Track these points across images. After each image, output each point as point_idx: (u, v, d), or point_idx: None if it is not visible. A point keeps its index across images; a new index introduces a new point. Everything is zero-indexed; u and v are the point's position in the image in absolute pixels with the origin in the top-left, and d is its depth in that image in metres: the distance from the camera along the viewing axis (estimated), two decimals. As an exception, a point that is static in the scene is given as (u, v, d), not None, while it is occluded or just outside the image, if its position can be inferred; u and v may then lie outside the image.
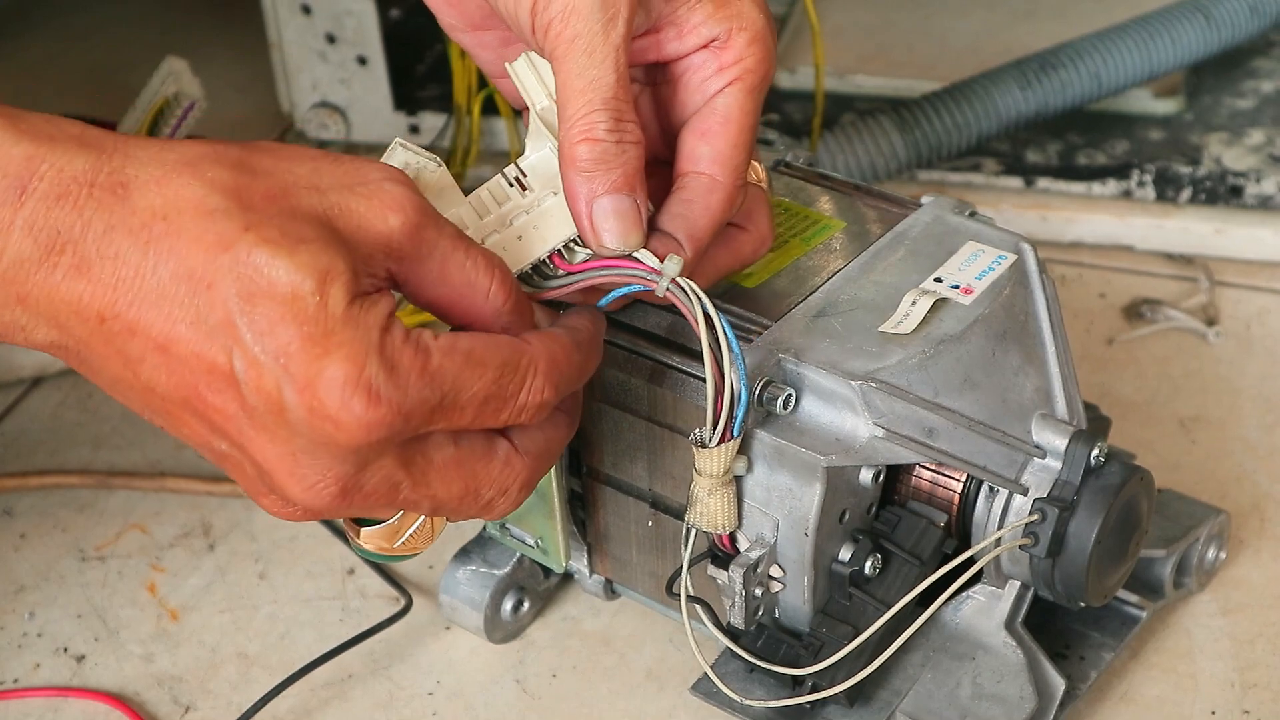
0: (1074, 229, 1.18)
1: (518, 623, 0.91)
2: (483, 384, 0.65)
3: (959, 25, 1.34)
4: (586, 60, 0.69)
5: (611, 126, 0.69)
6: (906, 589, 0.77)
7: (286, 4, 1.23)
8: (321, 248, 0.61)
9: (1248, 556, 0.93)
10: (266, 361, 0.61)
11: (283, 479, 0.64)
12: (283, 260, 0.61)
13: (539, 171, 0.72)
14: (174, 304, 0.62)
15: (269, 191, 0.62)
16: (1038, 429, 0.79)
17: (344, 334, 0.61)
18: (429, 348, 0.64)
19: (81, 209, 0.61)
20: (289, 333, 0.61)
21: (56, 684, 0.90)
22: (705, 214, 0.73)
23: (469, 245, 0.67)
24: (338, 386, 0.61)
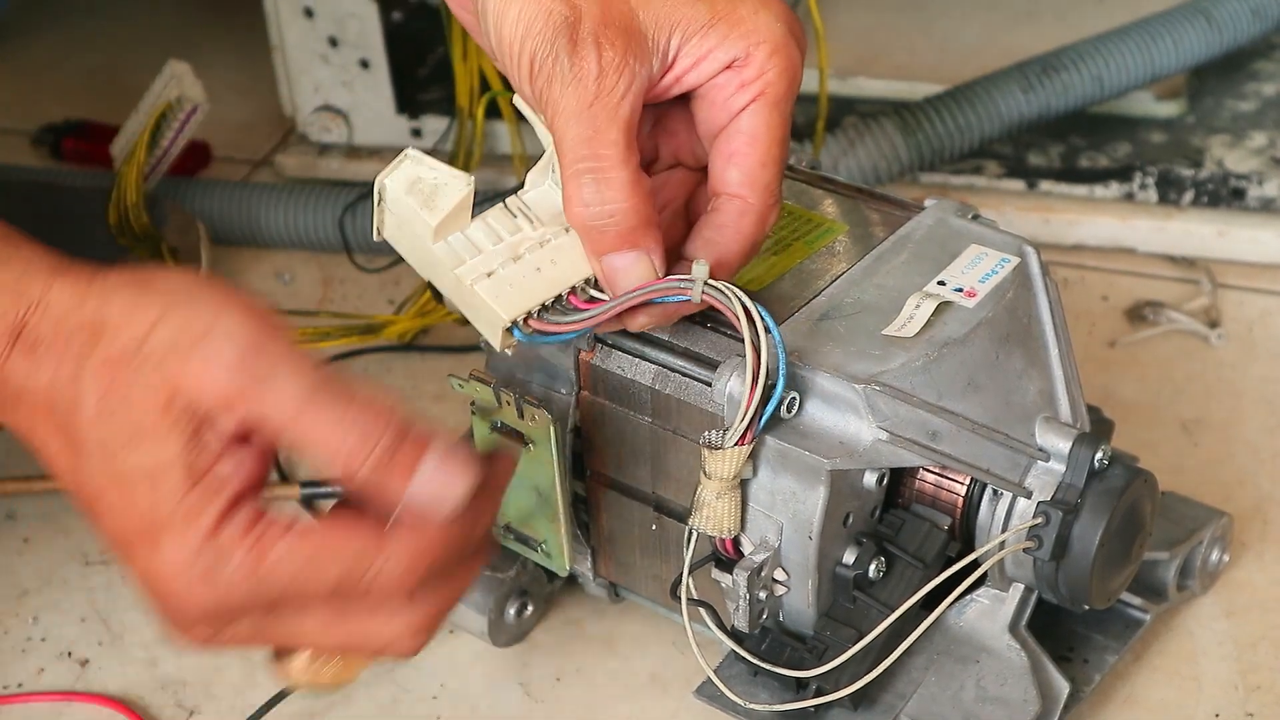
0: (1076, 231, 1.18)
1: (521, 626, 0.91)
2: (324, 586, 0.65)
3: (961, 28, 1.34)
4: (562, 121, 0.70)
5: (588, 195, 0.70)
6: (910, 592, 0.77)
7: (289, 7, 1.23)
8: (152, 441, 0.64)
9: (1251, 559, 0.93)
10: (116, 547, 0.66)
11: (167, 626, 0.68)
12: (122, 453, 0.64)
13: (543, 207, 0.73)
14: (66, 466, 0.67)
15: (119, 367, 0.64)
16: (1041, 432, 0.79)
17: (167, 530, 0.64)
18: (266, 547, 0.64)
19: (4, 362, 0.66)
20: (133, 517, 0.65)
21: (60, 688, 0.90)
22: (736, 238, 0.73)
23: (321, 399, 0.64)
24: (168, 576, 0.64)
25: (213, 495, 0.64)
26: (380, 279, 1.16)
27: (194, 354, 0.64)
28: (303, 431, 0.64)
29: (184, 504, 0.64)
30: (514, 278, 0.73)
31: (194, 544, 0.64)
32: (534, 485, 0.82)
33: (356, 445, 0.64)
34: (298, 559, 0.64)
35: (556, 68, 0.70)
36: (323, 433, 0.64)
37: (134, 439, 0.64)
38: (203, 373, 0.63)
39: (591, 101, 0.70)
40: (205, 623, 0.66)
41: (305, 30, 1.24)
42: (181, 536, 0.64)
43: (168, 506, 0.64)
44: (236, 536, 0.64)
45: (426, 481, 0.64)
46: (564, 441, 0.81)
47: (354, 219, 1.19)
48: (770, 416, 0.73)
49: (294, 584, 0.64)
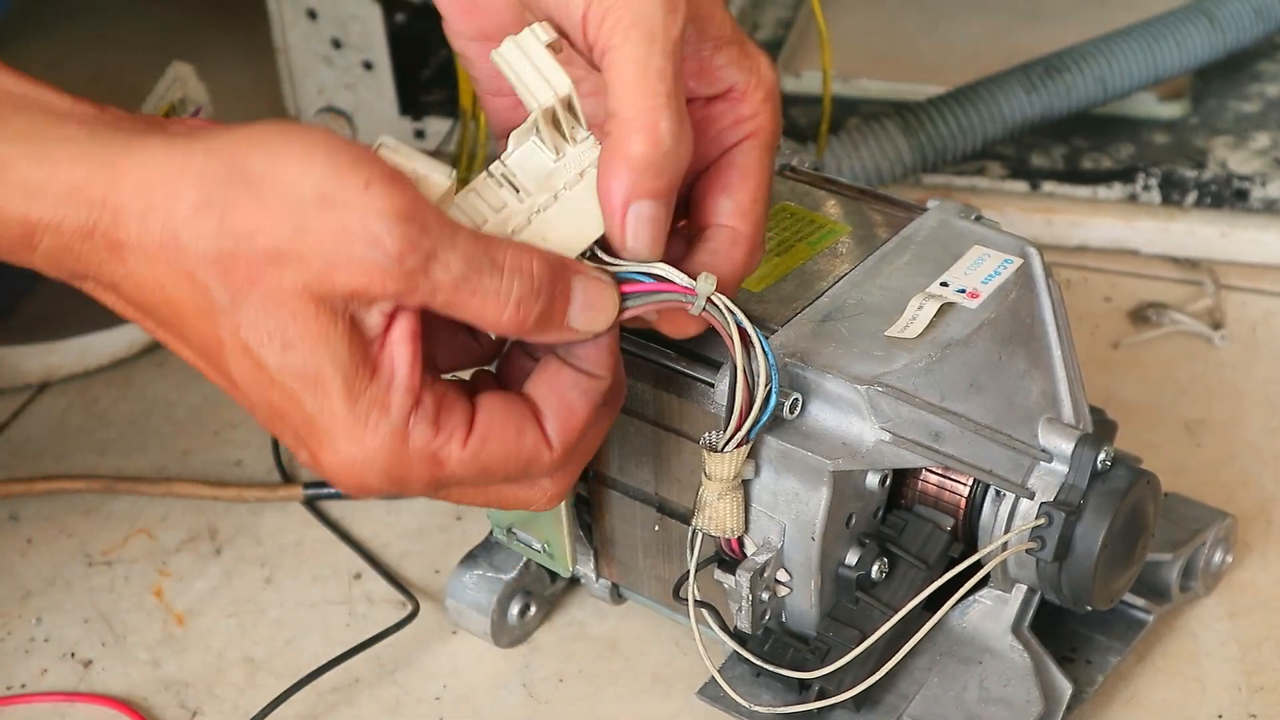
0: (1079, 232, 1.18)
1: (524, 627, 0.91)
2: (494, 482, 0.69)
3: (964, 29, 1.34)
4: (648, 48, 0.66)
5: (674, 127, 0.66)
6: (913, 593, 0.77)
7: (292, 8, 1.23)
8: (306, 349, 0.63)
9: (1254, 560, 0.93)
10: (283, 434, 0.66)
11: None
12: (273, 365, 0.63)
13: (527, 170, 0.68)
14: (194, 352, 0.66)
15: (251, 272, 0.62)
16: (1044, 433, 0.79)
17: (342, 441, 0.64)
18: (446, 459, 0.66)
19: (88, 259, 0.63)
20: (293, 420, 0.65)
21: (63, 689, 0.90)
22: (729, 264, 0.72)
23: (479, 279, 0.64)
24: (336, 478, 0.66)
25: (387, 403, 0.64)
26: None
27: (342, 259, 0.61)
28: (461, 308, 0.64)
29: (355, 415, 0.64)
30: None
31: (374, 457, 0.64)
32: (537, 486, 0.82)
33: (512, 314, 0.65)
34: (475, 466, 0.67)
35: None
36: (480, 308, 0.64)
37: (287, 347, 0.62)
38: (354, 278, 0.62)
39: (677, 37, 0.67)
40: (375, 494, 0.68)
41: (308, 32, 1.24)
42: (358, 448, 0.64)
43: (338, 416, 0.63)
44: (421, 448, 0.65)
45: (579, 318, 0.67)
46: (567, 442, 0.81)
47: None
48: (771, 417, 0.73)
49: (468, 482, 0.68)
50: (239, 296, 0.62)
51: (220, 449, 1.05)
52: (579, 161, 0.69)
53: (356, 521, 0.99)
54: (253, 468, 1.03)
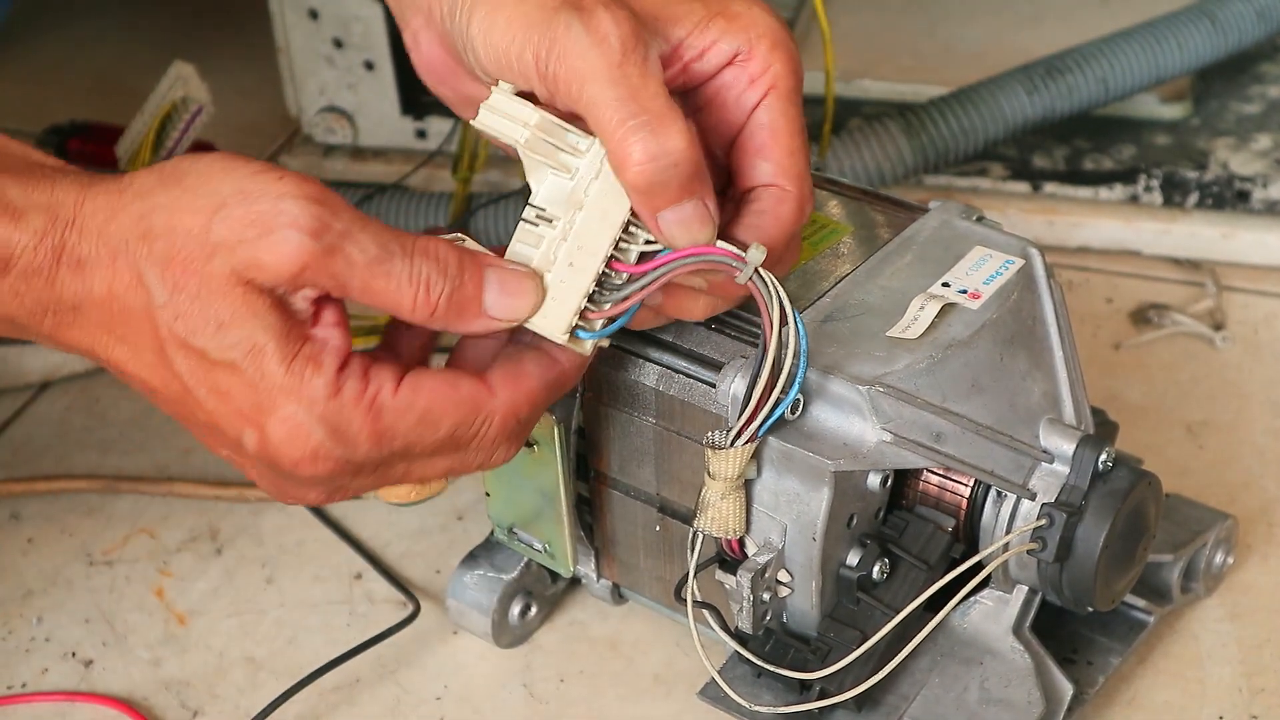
0: (1081, 234, 1.18)
1: (525, 627, 0.91)
2: (435, 440, 0.70)
3: (965, 30, 1.34)
4: (596, 86, 0.68)
5: (651, 146, 0.68)
6: (914, 594, 0.77)
7: (294, 9, 1.23)
8: (240, 325, 0.66)
9: (1255, 561, 0.93)
10: (226, 421, 0.68)
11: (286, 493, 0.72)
12: (211, 346, 0.67)
13: (554, 200, 0.71)
14: (144, 365, 0.69)
15: (186, 266, 0.66)
16: (1045, 434, 0.79)
17: (282, 401, 0.67)
18: (382, 408, 0.68)
19: (53, 282, 0.68)
20: (237, 400, 0.67)
21: (64, 689, 0.90)
22: (776, 224, 0.73)
23: (387, 266, 0.67)
24: (285, 450, 0.68)
25: (319, 360, 0.67)
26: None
27: (261, 240, 0.66)
28: (376, 293, 0.67)
29: (292, 373, 0.67)
30: (554, 288, 0.71)
31: (313, 409, 0.67)
32: (538, 486, 0.82)
33: (423, 296, 0.68)
34: (413, 416, 0.68)
35: (570, 37, 0.68)
36: (393, 292, 0.68)
37: (221, 327, 0.66)
38: (274, 256, 0.66)
39: (620, 59, 0.68)
40: (325, 483, 0.70)
41: (310, 32, 1.24)
42: (298, 403, 0.67)
43: (276, 379, 0.67)
44: (354, 398, 0.68)
45: (495, 309, 0.70)
46: (568, 443, 0.81)
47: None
48: (774, 419, 0.73)
49: (410, 438, 0.69)
50: (176, 291, 0.67)
51: (221, 449, 1.05)
52: (592, 167, 0.71)
53: (358, 521, 0.99)
54: (254, 467, 1.03)
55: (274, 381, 0.67)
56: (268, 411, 0.67)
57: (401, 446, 0.69)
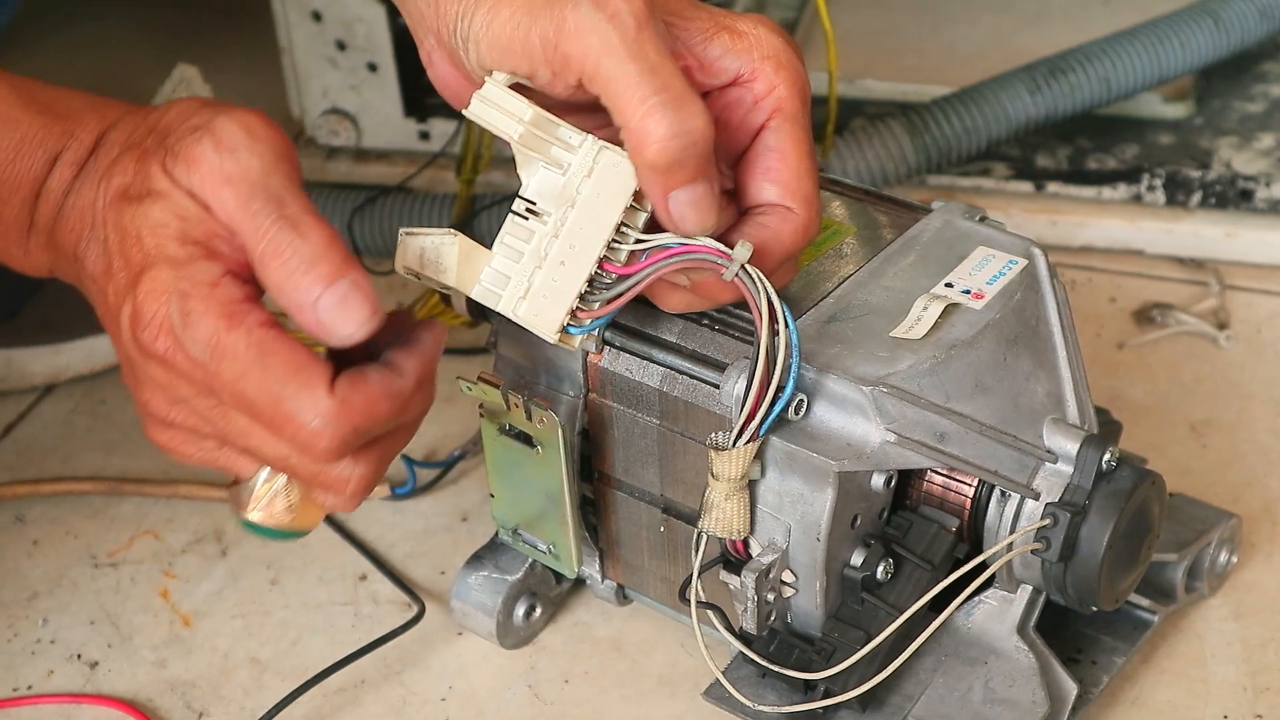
0: (1084, 233, 1.18)
1: (529, 628, 0.91)
2: (266, 395, 0.68)
3: (968, 30, 1.34)
4: (616, 63, 0.68)
5: (672, 123, 0.68)
6: (918, 594, 0.77)
7: (297, 10, 1.23)
8: (154, 201, 0.69)
9: (1259, 561, 0.93)
10: (119, 276, 0.70)
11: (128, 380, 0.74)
12: (130, 212, 0.69)
13: (545, 193, 0.72)
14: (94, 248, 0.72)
15: (146, 148, 0.70)
16: (1049, 433, 0.79)
17: (160, 271, 0.68)
18: (236, 323, 0.68)
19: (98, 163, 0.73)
20: (135, 263, 0.69)
21: (70, 690, 0.90)
22: (776, 239, 0.73)
23: (254, 211, 0.68)
24: (142, 310, 0.68)
25: (214, 256, 0.69)
26: (389, 282, 1.16)
27: (186, 143, 0.69)
28: (242, 231, 0.69)
29: (184, 250, 0.68)
30: (545, 286, 0.72)
31: (179, 283, 0.68)
32: (542, 488, 0.82)
33: (271, 256, 0.68)
34: (255, 351, 0.68)
35: (580, 15, 0.68)
36: (252, 236, 0.69)
37: (146, 197, 0.69)
38: (187, 162, 0.68)
39: (635, 34, 0.68)
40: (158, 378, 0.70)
41: (313, 34, 1.24)
42: (172, 273, 0.68)
43: (169, 249, 0.68)
44: (223, 300, 0.68)
45: (322, 310, 0.68)
46: (572, 444, 0.81)
47: (363, 222, 1.19)
48: (777, 417, 0.73)
49: (239, 369, 0.68)
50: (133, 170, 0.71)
51: (226, 450, 1.05)
52: (585, 163, 0.71)
53: (362, 523, 0.99)
54: (258, 469, 1.03)
55: (165, 251, 0.68)
56: (145, 270, 0.68)
57: (230, 374, 0.68)
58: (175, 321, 0.68)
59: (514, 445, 0.82)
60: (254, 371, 0.68)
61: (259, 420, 0.69)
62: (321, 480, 0.71)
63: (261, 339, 0.68)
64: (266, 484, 0.74)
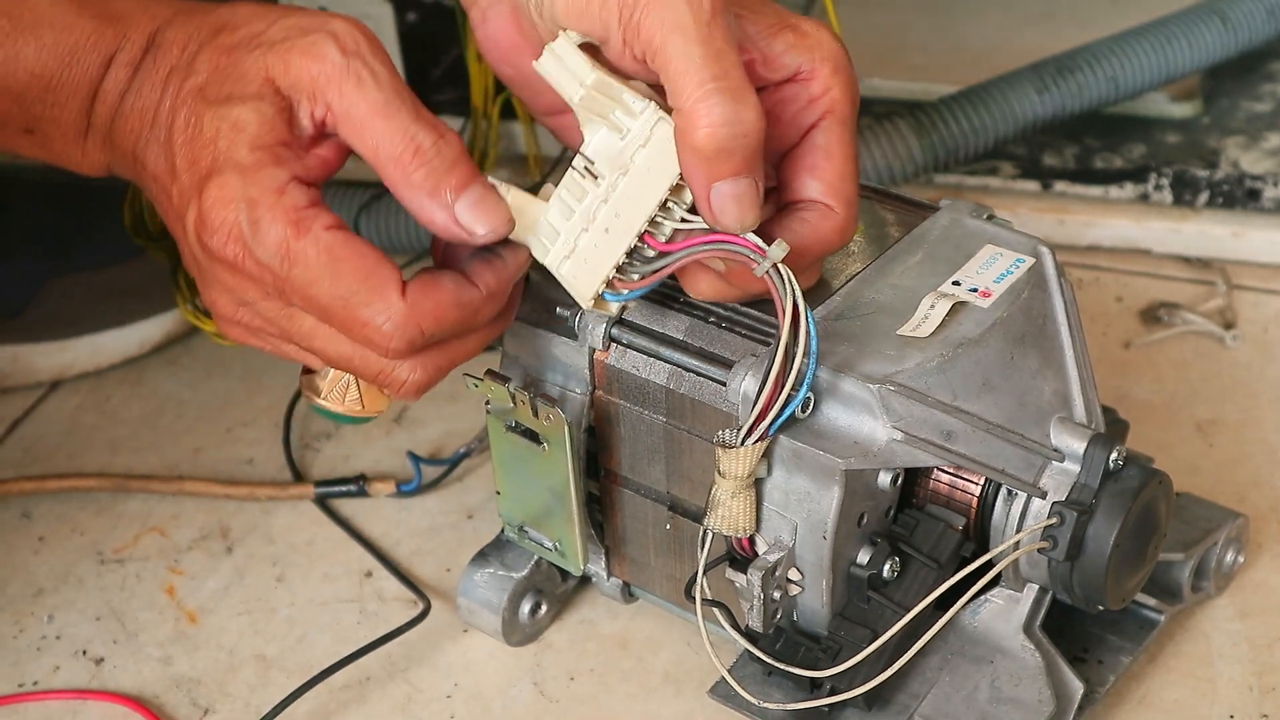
0: (1091, 232, 1.18)
1: (535, 625, 0.91)
2: (333, 294, 0.71)
3: (975, 28, 1.34)
4: (684, 42, 0.69)
5: (727, 110, 0.68)
6: (924, 592, 0.77)
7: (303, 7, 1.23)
8: (239, 103, 0.70)
9: (1266, 560, 0.93)
10: (183, 188, 0.71)
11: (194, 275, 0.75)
12: (209, 111, 0.71)
13: (603, 155, 0.72)
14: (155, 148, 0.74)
15: (231, 52, 0.72)
16: (1056, 432, 0.79)
17: (229, 173, 0.70)
18: (305, 228, 0.70)
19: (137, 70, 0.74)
20: (199, 168, 0.70)
21: (75, 686, 0.90)
22: (815, 236, 0.74)
23: (392, 112, 0.70)
24: (210, 216, 0.70)
25: (283, 160, 0.70)
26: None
27: (301, 44, 0.70)
28: (370, 131, 0.70)
29: (253, 157, 0.69)
30: (588, 250, 0.73)
31: (248, 190, 0.69)
32: (548, 485, 0.82)
33: (411, 157, 0.70)
34: (324, 256, 0.70)
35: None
36: (390, 137, 0.70)
37: (226, 99, 0.70)
38: (303, 62, 0.70)
39: (709, 19, 0.69)
40: (225, 281, 0.72)
41: (320, 31, 1.24)
42: (240, 179, 0.69)
43: (238, 155, 0.70)
44: (291, 206, 0.70)
45: (462, 209, 0.71)
46: (578, 441, 0.81)
47: (369, 219, 1.19)
48: (785, 417, 0.73)
49: (310, 276, 0.70)
50: (213, 70, 0.72)
51: (232, 447, 1.05)
52: (643, 131, 0.72)
53: (368, 520, 0.99)
54: (264, 466, 1.04)
55: (234, 156, 0.70)
56: (212, 175, 0.70)
57: (301, 280, 0.70)
58: (245, 229, 0.70)
59: (520, 442, 0.82)
60: (325, 276, 0.70)
61: (330, 322, 0.72)
62: (384, 378, 0.74)
63: (331, 243, 0.70)
64: (337, 374, 0.78)
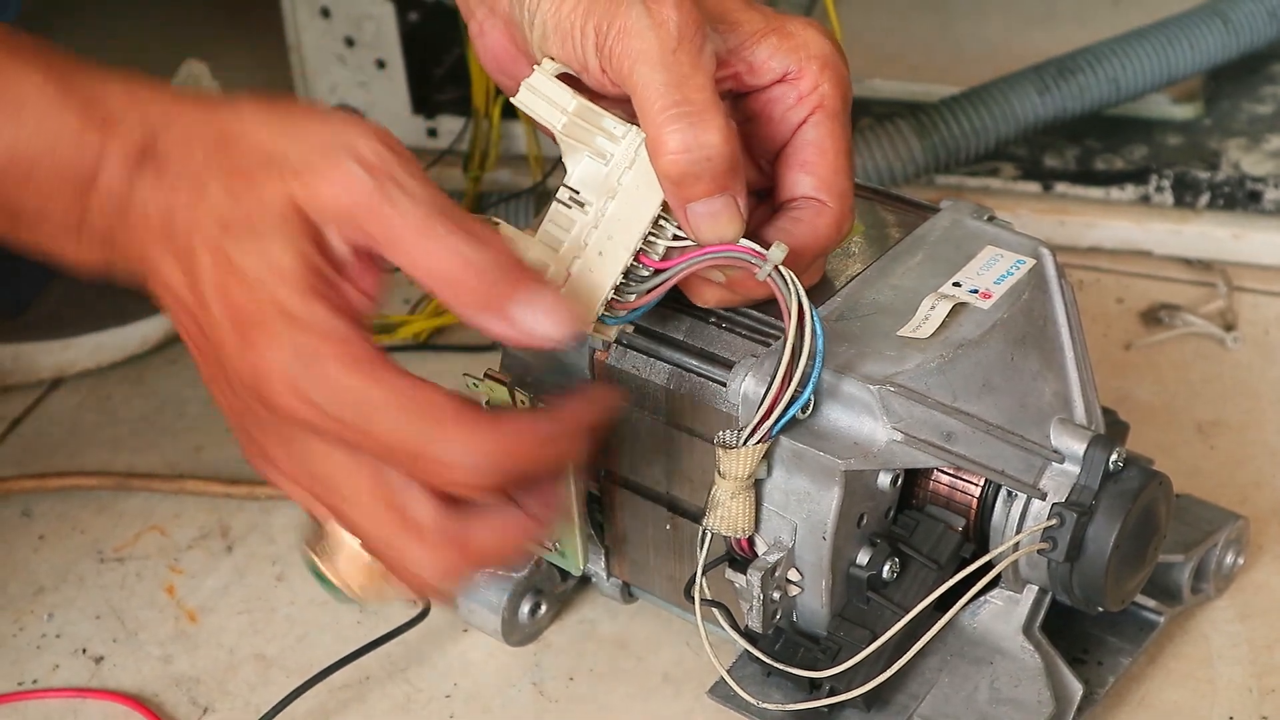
0: (1092, 234, 1.18)
1: (535, 625, 0.91)
2: (408, 431, 0.65)
3: (976, 30, 1.34)
4: (649, 72, 0.69)
5: (686, 137, 0.69)
6: (924, 593, 0.77)
7: (306, 7, 1.23)
8: (272, 241, 0.65)
9: (1266, 562, 0.93)
10: (225, 327, 0.66)
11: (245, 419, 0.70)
12: (238, 250, 0.65)
13: (588, 183, 0.73)
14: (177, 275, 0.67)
15: (250, 177, 0.66)
16: (1056, 434, 0.79)
17: (278, 328, 0.65)
18: (375, 375, 0.65)
19: (133, 188, 0.68)
20: (244, 312, 0.66)
21: (75, 685, 0.90)
22: (811, 233, 0.74)
23: (432, 232, 0.65)
24: (264, 371, 0.65)
25: (328, 302, 0.65)
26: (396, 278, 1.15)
27: (325, 169, 0.65)
28: (418, 253, 0.66)
29: (300, 302, 0.65)
30: (582, 275, 0.73)
31: (308, 346, 0.65)
32: (548, 485, 0.82)
33: (460, 270, 0.66)
34: (396, 398, 0.65)
35: (632, 16, 0.69)
36: (437, 259, 0.66)
37: (255, 237, 0.65)
38: (332, 188, 0.65)
39: (675, 47, 0.69)
40: (285, 433, 0.67)
41: (322, 30, 1.24)
42: (292, 331, 0.65)
43: (286, 300, 0.65)
44: (353, 356, 0.65)
45: (522, 314, 0.66)
46: (578, 441, 0.81)
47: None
48: (787, 419, 0.73)
49: (387, 422, 0.65)
50: (229, 198, 0.66)
51: (232, 446, 1.04)
52: (627, 154, 0.72)
53: (368, 519, 0.99)
54: (265, 465, 1.03)
55: (281, 302, 0.65)
56: (259, 326, 0.65)
57: (376, 428, 0.65)
58: (308, 385, 0.65)
59: (520, 442, 0.82)
60: (402, 420, 0.65)
61: (400, 465, 0.67)
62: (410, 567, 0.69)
63: (400, 385, 0.65)
64: (351, 544, 0.71)
